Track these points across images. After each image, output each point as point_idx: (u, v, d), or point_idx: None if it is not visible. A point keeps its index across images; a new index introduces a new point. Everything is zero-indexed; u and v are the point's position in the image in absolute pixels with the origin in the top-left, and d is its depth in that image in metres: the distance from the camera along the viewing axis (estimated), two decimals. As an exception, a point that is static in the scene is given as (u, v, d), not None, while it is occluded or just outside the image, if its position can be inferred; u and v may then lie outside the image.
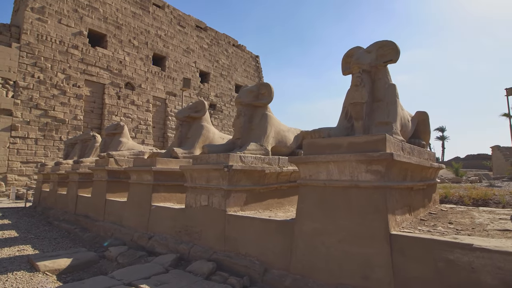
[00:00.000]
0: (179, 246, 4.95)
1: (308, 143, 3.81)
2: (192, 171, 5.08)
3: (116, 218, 6.86)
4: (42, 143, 20.35)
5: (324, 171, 3.57)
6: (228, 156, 4.63)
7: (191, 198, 5.09)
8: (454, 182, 16.17)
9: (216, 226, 4.59)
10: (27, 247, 6.24)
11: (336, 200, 3.44)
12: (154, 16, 27.70)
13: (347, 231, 3.29)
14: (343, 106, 4.58)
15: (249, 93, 5.68)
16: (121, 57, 24.89)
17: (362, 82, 4.11)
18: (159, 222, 5.67)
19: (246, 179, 4.89)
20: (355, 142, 3.44)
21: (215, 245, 4.55)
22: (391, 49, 4.31)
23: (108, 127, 9.88)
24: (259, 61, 37.27)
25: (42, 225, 8.62)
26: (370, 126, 4.12)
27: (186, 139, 7.07)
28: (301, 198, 3.73)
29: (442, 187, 11.56)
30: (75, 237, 7.21)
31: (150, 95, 26.21)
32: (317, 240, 3.48)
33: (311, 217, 3.58)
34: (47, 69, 20.99)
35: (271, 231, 3.94)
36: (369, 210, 3.21)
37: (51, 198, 10.74)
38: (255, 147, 5.28)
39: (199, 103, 7.29)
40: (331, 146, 3.61)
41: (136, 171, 6.41)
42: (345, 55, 4.75)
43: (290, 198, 5.84)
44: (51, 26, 21.57)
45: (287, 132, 6.23)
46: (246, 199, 4.87)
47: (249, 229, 4.17)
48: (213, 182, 4.79)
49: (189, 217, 5.06)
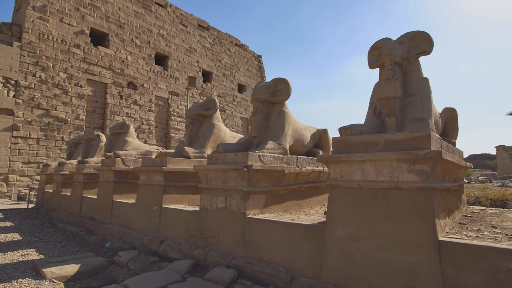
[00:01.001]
0: (194, 251, 4.65)
1: (338, 140, 3.51)
2: (208, 171, 4.78)
3: (124, 220, 6.56)
4: (44, 143, 20.06)
5: (359, 171, 3.27)
6: (247, 155, 4.34)
7: (206, 200, 4.79)
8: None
9: (235, 230, 4.28)
10: (31, 251, 5.94)
11: (373, 203, 3.14)
12: (156, 15, 27.42)
13: (387, 237, 2.99)
14: (371, 101, 4.27)
15: (265, 89, 5.38)
16: (123, 56, 24.60)
17: (395, 75, 3.81)
18: (171, 225, 5.37)
19: (265, 180, 4.59)
20: (394, 139, 3.14)
21: (233, 250, 4.25)
22: (425, 40, 4.00)
23: (113, 126, 9.58)
24: (261, 61, 36.96)
25: (46, 228, 8.32)
26: (402, 122, 3.82)
27: (197, 138, 6.77)
28: (332, 201, 3.43)
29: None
30: (81, 240, 6.91)
31: (153, 94, 25.92)
32: (352, 246, 3.18)
33: (344, 221, 3.28)
34: (49, 68, 20.71)
35: (298, 236, 3.64)
36: (412, 214, 2.91)
37: (55, 199, 10.44)
38: (273, 145, 4.98)
39: (210, 100, 6.99)
40: (365, 144, 3.31)
41: (146, 172, 6.11)
42: (372, 48, 4.44)
43: (309, 200, 5.55)
44: (53, 25, 21.28)
45: (304, 130, 5.94)
46: (265, 201, 4.57)
47: (273, 233, 3.87)
48: (230, 183, 4.49)
49: (204, 220, 4.76)
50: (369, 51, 4.48)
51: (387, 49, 3.86)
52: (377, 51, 4.34)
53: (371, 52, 4.45)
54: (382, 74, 3.90)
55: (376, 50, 4.36)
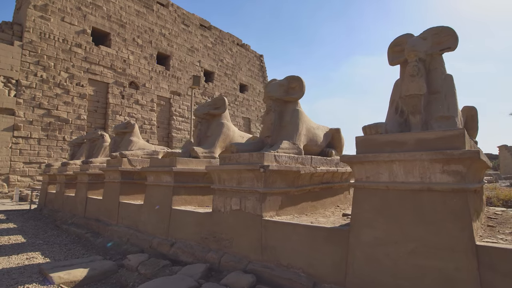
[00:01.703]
0: (207, 254, 4.48)
1: (363, 140, 3.35)
2: (221, 172, 4.62)
3: (131, 222, 6.39)
4: (45, 143, 19.89)
5: (386, 172, 3.10)
6: (263, 155, 4.17)
7: (220, 202, 4.62)
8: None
9: (251, 233, 4.12)
10: (37, 254, 5.77)
11: (403, 205, 2.98)
12: (158, 15, 27.25)
13: (419, 241, 2.83)
14: (391, 99, 4.11)
15: (279, 86, 5.22)
16: (125, 56, 24.43)
17: (420, 72, 3.65)
18: (181, 227, 5.20)
19: (281, 181, 4.43)
20: (424, 138, 2.98)
21: (249, 254, 4.09)
22: (449, 36, 3.84)
23: (117, 126, 9.42)
24: (263, 61, 36.80)
25: (50, 229, 8.14)
26: (427, 121, 3.66)
27: (206, 138, 6.61)
28: (357, 203, 3.27)
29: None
30: (86, 242, 6.74)
31: (155, 94, 25.75)
32: (380, 251, 3.01)
33: (370, 225, 3.12)
34: (50, 68, 20.54)
35: (320, 240, 3.47)
36: (446, 217, 2.75)
37: (58, 200, 10.26)
38: (288, 145, 4.82)
39: (218, 99, 6.82)
40: (393, 144, 3.15)
41: (154, 172, 5.95)
42: (392, 44, 4.27)
43: (323, 201, 5.38)
44: (54, 24, 21.11)
45: (317, 130, 5.78)
46: (281, 203, 4.41)
47: (292, 237, 3.71)
48: (245, 184, 4.32)
49: (218, 222, 4.59)
50: (389, 47, 4.32)
51: (411, 45, 3.70)
52: (398, 47, 4.18)
53: (391, 48, 4.28)
54: (406, 70, 3.74)
55: (397, 46, 4.19)
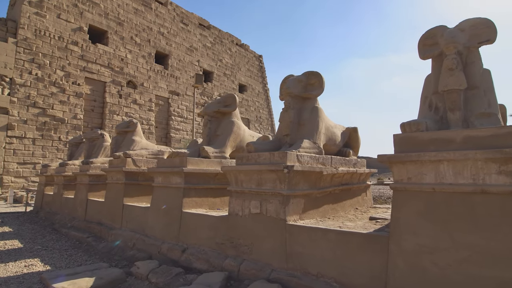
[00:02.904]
0: (224, 261, 4.18)
1: (403, 138, 3.08)
2: (238, 172, 4.32)
3: (137, 226, 6.06)
4: (40, 143, 19.41)
5: (432, 173, 2.83)
6: (286, 154, 3.88)
7: (237, 205, 4.32)
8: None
9: (274, 239, 3.82)
10: (36, 261, 5.42)
11: (451, 209, 2.70)
12: (156, 13, 26.88)
13: (472, 248, 2.55)
14: (423, 96, 3.85)
15: (297, 82, 4.93)
16: (122, 54, 24.03)
17: (459, 65, 3.39)
18: (193, 232, 4.89)
19: (304, 182, 4.14)
20: (475, 136, 2.72)
21: (272, 261, 3.79)
22: (487, 28, 3.58)
23: (119, 125, 9.06)
24: (262, 61, 36.55)
25: (48, 233, 7.77)
26: (468, 118, 3.39)
27: (215, 137, 6.30)
28: (397, 206, 2.99)
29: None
30: (88, 247, 6.38)
31: (153, 94, 25.35)
32: (426, 259, 2.74)
33: (413, 230, 2.84)
34: (45, 66, 20.08)
35: (354, 247, 3.19)
36: (504, 221, 2.48)
37: (56, 202, 9.86)
38: (308, 144, 4.53)
39: (229, 96, 6.52)
40: (438, 142, 2.88)
41: (163, 173, 5.63)
42: (424, 37, 4.01)
43: (343, 203, 5.11)
44: (50, 21, 20.67)
45: (334, 129, 5.49)
46: (304, 206, 4.11)
47: (321, 243, 3.42)
48: (266, 185, 4.03)
49: (235, 226, 4.29)
50: (420, 40, 4.05)
51: (450, 36, 3.43)
52: (431, 40, 3.91)
53: (423, 41, 4.01)
54: (444, 64, 3.47)
55: (430, 39, 3.92)
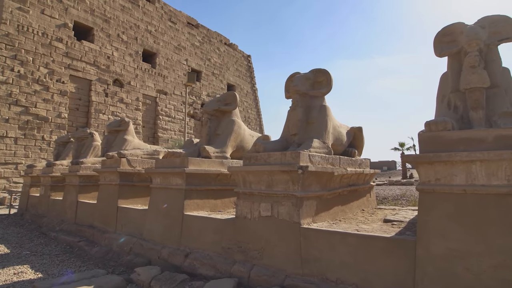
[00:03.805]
0: (232, 267, 3.96)
1: (430, 137, 2.94)
2: (247, 173, 4.11)
3: (133, 229, 5.77)
4: (23, 142, 18.67)
5: (462, 174, 2.70)
6: (299, 154, 3.70)
7: (245, 207, 4.11)
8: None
9: (287, 243, 3.64)
10: (25, 268, 5.07)
11: (485, 211, 2.58)
12: (144, 11, 26.34)
13: (508, 253, 2.43)
14: (441, 94, 3.74)
15: (305, 80, 4.77)
16: (109, 52, 23.42)
17: (481, 63, 3.29)
18: (197, 235, 4.65)
19: (316, 183, 3.97)
20: (508, 135, 2.60)
21: (285, 266, 3.60)
22: (508, 25, 3.49)
23: (111, 123, 8.74)
24: (250, 61, 36.36)
25: (36, 237, 7.36)
26: (490, 117, 3.28)
27: (216, 136, 6.08)
28: (425, 209, 2.85)
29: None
30: (81, 252, 6.05)
31: (140, 93, 24.82)
32: (457, 264, 2.60)
33: (443, 234, 2.70)
34: (28, 63, 19.34)
35: (377, 251, 3.03)
36: (544, 226, 2.36)
37: (43, 204, 9.40)
38: (318, 144, 4.36)
39: (229, 95, 6.32)
40: (467, 141, 2.75)
41: (161, 174, 5.37)
42: (441, 34, 3.89)
43: (350, 205, 4.96)
44: (33, 17, 19.93)
45: (340, 128, 5.35)
46: (316, 208, 3.94)
47: (340, 247, 3.25)
48: (278, 187, 3.84)
49: (243, 230, 4.08)
50: (436, 37, 3.93)
51: (473, 32, 3.32)
52: (448, 37, 3.81)
53: (439, 38, 3.90)
54: (466, 61, 3.35)
55: (447, 36, 3.82)
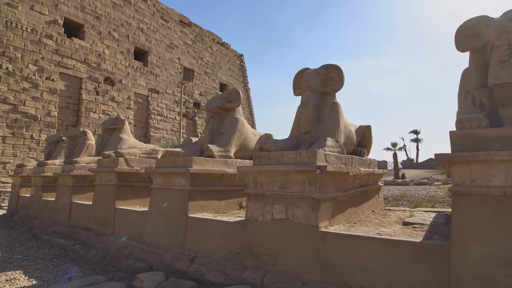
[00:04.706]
0: (243, 273, 3.73)
1: (463, 135, 2.75)
2: (258, 173, 3.88)
3: (132, 232, 5.48)
4: (11, 141, 18.10)
5: (501, 174, 2.51)
6: (315, 154, 3.49)
7: (256, 209, 3.88)
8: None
9: (304, 248, 3.42)
10: (18, 273, 4.75)
11: (527, 215, 2.40)
12: (135, 8, 25.87)
13: (555, 260, 2.26)
14: (464, 91, 3.57)
15: (316, 76, 4.56)
16: (100, 49, 22.91)
17: (511, 57, 3.12)
18: (202, 239, 4.40)
19: (332, 184, 3.77)
20: (552, 132, 2.42)
21: (302, 273, 3.38)
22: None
23: (106, 121, 8.43)
24: (243, 60, 36.11)
25: (27, 240, 6.99)
26: (519, 114, 3.13)
27: (219, 135, 5.84)
28: (459, 212, 2.66)
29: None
30: (76, 256, 5.74)
31: (132, 91, 24.35)
32: (497, 271, 2.42)
33: (481, 239, 2.51)
34: (17, 60, 18.77)
35: (405, 257, 2.83)
36: None
37: (34, 205, 9.00)
38: (332, 143, 4.16)
39: (232, 92, 6.08)
40: (506, 139, 2.57)
41: (163, 174, 5.10)
42: (463, 28, 3.72)
43: (362, 206, 4.78)
44: (22, 13, 19.36)
45: (350, 126, 5.16)
46: (332, 210, 3.74)
47: (363, 253, 3.04)
48: (293, 188, 3.62)
49: (254, 233, 3.85)
50: (458, 31, 3.77)
51: (503, 26, 3.16)
52: (471, 31, 3.64)
53: (461, 32, 3.73)
54: (495, 56, 3.18)
55: (470, 30, 3.65)
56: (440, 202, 8.85)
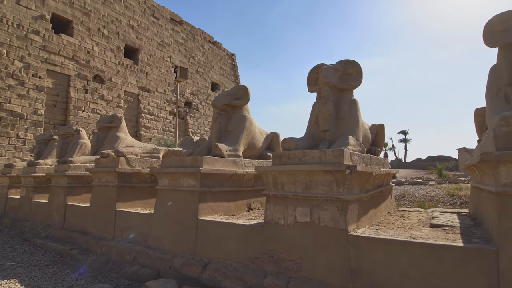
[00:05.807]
0: (264, 280, 3.49)
1: (507, 132, 2.58)
2: (278, 173, 3.65)
3: (136, 236, 5.17)
4: (-5, 141, 17.38)
5: (557, 174, 2.36)
6: (342, 153, 3.29)
7: (277, 212, 3.65)
8: (451, 182, 15.85)
9: (332, 252, 3.20)
10: (13, 282, 4.40)
11: None
12: (126, 5, 25.28)
13: None
14: (494, 88, 3.45)
15: (334, 71, 4.36)
16: (89, 46, 22.28)
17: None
18: (216, 243, 4.15)
19: (357, 185, 3.57)
20: None
21: (331, 280, 3.17)
22: None
23: (101, 119, 8.09)
24: (235, 59, 35.80)
25: (19, 245, 6.59)
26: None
27: (227, 133, 5.59)
28: (508, 215, 2.49)
29: (457, 188, 11.01)
30: (73, 261, 5.40)
31: (122, 90, 23.78)
32: (555, 279, 2.25)
33: (534, 244, 2.35)
34: (2, 56, 18.04)
35: (448, 263, 2.64)
36: None
37: (24, 207, 8.54)
38: (353, 142, 3.97)
39: (240, 88, 5.84)
40: (558, 136, 2.41)
41: (170, 174, 4.82)
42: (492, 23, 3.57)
43: (379, 207, 4.61)
44: (8, 7, 18.62)
45: (365, 125, 5.00)
46: (358, 212, 3.55)
47: (400, 258, 2.85)
48: (318, 189, 3.40)
49: (274, 238, 3.62)
50: (487, 27, 3.63)
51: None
52: (501, 26, 3.51)
53: (491, 28, 3.60)
54: None
55: (500, 25, 3.52)
56: (442, 202, 8.78)
